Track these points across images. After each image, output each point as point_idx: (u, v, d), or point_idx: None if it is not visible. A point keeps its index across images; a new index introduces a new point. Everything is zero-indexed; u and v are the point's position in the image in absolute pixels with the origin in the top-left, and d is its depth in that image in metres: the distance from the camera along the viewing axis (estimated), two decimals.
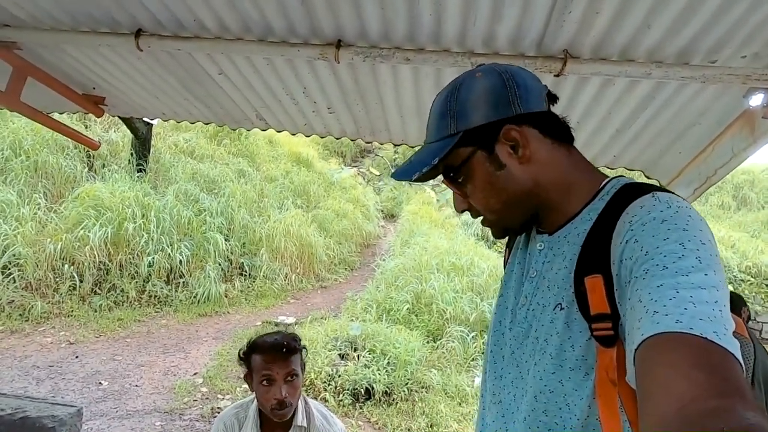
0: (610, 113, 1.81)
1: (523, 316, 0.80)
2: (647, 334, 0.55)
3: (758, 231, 14.41)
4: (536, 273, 0.80)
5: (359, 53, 1.56)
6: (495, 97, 0.76)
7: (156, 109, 2.37)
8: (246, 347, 1.62)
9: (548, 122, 0.79)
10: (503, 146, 0.77)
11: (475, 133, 0.77)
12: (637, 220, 0.66)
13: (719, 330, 0.53)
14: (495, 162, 0.77)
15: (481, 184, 0.79)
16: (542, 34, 1.42)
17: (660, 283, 0.58)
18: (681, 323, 0.54)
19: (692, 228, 0.62)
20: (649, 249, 0.62)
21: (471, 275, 6.86)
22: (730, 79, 1.41)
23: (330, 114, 2.17)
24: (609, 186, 0.77)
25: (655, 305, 0.57)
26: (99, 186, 6.71)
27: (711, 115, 1.73)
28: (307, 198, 10.53)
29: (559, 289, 0.74)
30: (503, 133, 0.76)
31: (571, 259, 0.74)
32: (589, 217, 0.75)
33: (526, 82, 0.78)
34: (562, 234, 0.78)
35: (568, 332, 0.71)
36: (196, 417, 3.79)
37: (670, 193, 0.69)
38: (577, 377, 0.69)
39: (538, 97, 0.78)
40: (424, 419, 4.02)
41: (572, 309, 0.71)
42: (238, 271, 7.50)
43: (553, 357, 0.72)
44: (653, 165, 2.16)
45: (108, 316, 5.62)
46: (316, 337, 5.01)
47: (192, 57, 1.81)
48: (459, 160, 0.79)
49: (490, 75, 0.78)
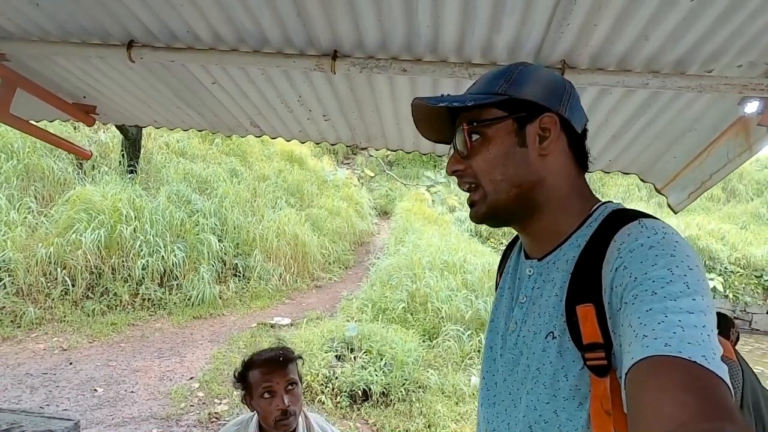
0: (607, 120, 1.81)
1: (513, 342, 0.80)
2: (637, 358, 0.56)
3: (747, 223, 14.61)
4: (526, 299, 0.80)
5: (356, 64, 1.54)
6: (552, 87, 0.78)
7: (148, 117, 2.34)
8: (241, 367, 1.60)
9: (577, 140, 0.81)
10: (534, 129, 0.76)
11: (519, 104, 0.77)
12: (625, 248, 0.66)
13: (707, 354, 0.54)
14: (520, 137, 0.77)
15: (495, 150, 0.77)
16: (540, 44, 1.42)
17: (649, 307, 0.59)
18: (670, 347, 0.55)
19: (679, 254, 0.63)
20: (638, 275, 0.63)
21: (465, 272, 6.89)
22: (726, 88, 1.41)
23: (325, 121, 2.15)
24: (597, 212, 0.77)
25: (644, 329, 0.58)
26: (90, 189, 6.63)
27: (706, 121, 1.74)
28: (300, 197, 10.50)
29: (550, 317, 0.73)
30: (542, 118, 0.76)
31: (561, 286, 0.73)
32: (577, 243, 0.75)
33: (578, 101, 0.81)
34: (551, 260, 0.78)
35: (561, 362, 0.71)
36: (194, 423, 3.77)
37: (657, 219, 0.70)
38: (571, 407, 0.69)
39: (581, 116, 0.81)
40: (422, 420, 4.03)
41: (564, 338, 0.71)
42: (232, 272, 7.46)
43: (547, 386, 0.72)
44: (648, 169, 2.17)
45: (101, 321, 5.57)
46: (312, 339, 5.00)
47: (185, 67, 1.78)
48: (489, 117, 0.78)
49: (555, 73, 0.85)
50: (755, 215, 15.20)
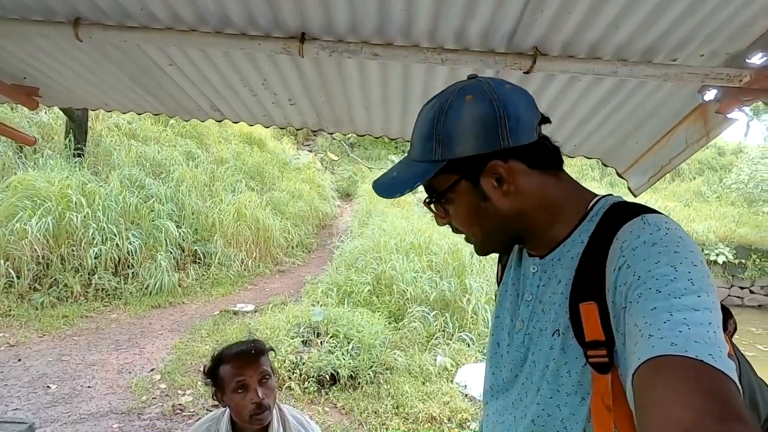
0: (575, 107, 1.83)
1: (520, 340, 0.81)
2: (644, 357, 0.56)
3: (690, 200, 15.52)
4: (532, 296, 0.81)
5: (325, 48, 1.48)
6: (484, 129, 0.73)
7: (98, 99, 2.18)
8: (211, 362, 1.55)
9: (537, 154, 0.77)
10: (488, 179, 0.75)
11: (460, 163, 0.75)
12: (627, 245, 0.66)
13: (714, 352, 0.54)
14: (479, 193, 0.76)
15: (463, 211, 0.79)
16: (513, 31, 1.40)
17: (654, 306, 0.59)
18: (676, 346, 0.54)
19: (683, 250, 0.63)
20: (642, 273, 0.62)
21: (430, 254, 6.96)
22: (689, 77, 1.44)
23: (291, 105, 2.07)
24: (597, 207, 0.77)
25: (650, 329, 0.57)
26: (33, 174, 6.21)
27: (668, 108, 1.79)
28: (260, 180, 10.25)
29: (556, 314, 0.74)
30: (489, 167, 0.74)
31: (566, 284, 0.74)
32: (580, 239, 0.75)
33: (518, 112, 0.74)
34: (554, 257, 0.78)
35: (565, 358, 0.72)
36: (156, 416, 3.67)
37: (659, 213, 0.70)
38: (574, 402, 0.71)
39: (528, 128, 0.75)
40: (390, 401, 4.09)
41: (568, 335, 0.72)
42: (192, 259, 7.25)
43: (551, 382, 0.73)
44: (611, 154, 2.23)
45: (51, 314, 5.29)
46: (277, 325, 4.94)
47: (140, 48, 1.66)
48: (442, 185, 0.78)
49: (481, 101, 0.74)
50: (697, 193, 16.15)
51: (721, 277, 11.91)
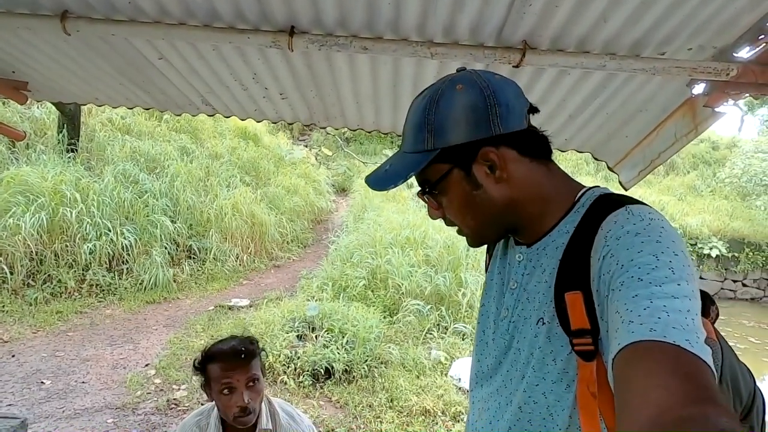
0: (564, 101, 1.84)
1: (505, 328, 0.82)
2: (623, 343, 0.58)
3: (684, 194, 15.58)
4: (516, 285, 0.82)
5: (314, 41, 1.48)
6: (475, 116, 0.74)
7: (88, 94, 2.17)
8: (201, 357, 1.54)
9: (527, 141, 0.78)
10: (480, 166, 0.76)
11: (452, 151, 0.76)
12: (611, 235, 0.68)
13: (692, 338, 0.56)
14: (472, 181, 0.77)
15: (456, 200, 0.80)
16: (502, 24, 1.40)
17: (635, 293, 0.60)
18: (655, 332, 0.56)
19: (665, 240, 0.64)
20: (624, 262, 0.64)
21: (425, 248, 6.97)
22: (677, 71, 1.45)
23: (282, 100, 2.07)
24: (584, 198, 0.78)
25: (630, 315, 0.59)
26: (26, 170, 6.16)
27: (656, 102, 1.80)
28: (256, 175, 10.22)
29: (540, 303, 0.76)
30: (481, 154, 0.75)
31: (551, 273, 0.75)
32: (566, 229, 0.76)
33: (508, 99, 0.76)
34: (540, 246, 0.79)
35: (550, 346, 0.73)
36: (151, 410, 3.67)
37: (643, 205, 0.71)
38: (559, 389, 0.73)
39: (518, 115, 0.77)
40: (385, 394, 4.11)
41: (553, 324, 0.73)
42: (187, 254, 7.23)
43: (536, 370, 0.75)
44: (602, 148, 2.24)
45: (45, 310, 5.27)
46: (272, 320, 4.95)
47: (129, 42, 1.65)
48: (435, 175, 0.79)
49: (471, 89, 0.75)
50: (691, 187, 16.21)
51: (714, 271, 11.99)
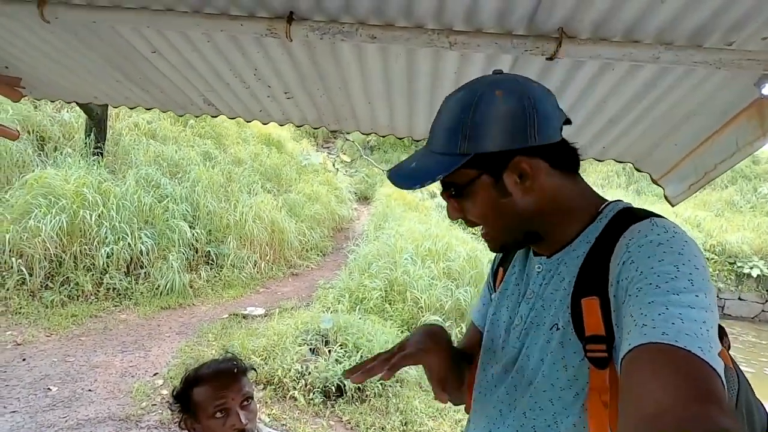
0: (605, 101, 1.60)
1: (516, 335, 0.82)
2: (634, 344, 0.58)
3: (722, 210, 14.88)
4: (533, 294, 0.81)
5: (315, 29, 1.29)
6: (513, 125, 0.73)
7: (85, 92, 2.05)
8: (181, 384, 1.38)
9: (559, 154, 0.77)
10: (511, 175, 0.75)
11: (485, 158, 0.74)
12: (634, 243, 0.67)
13: (704, 347, 0.55)
14: (500, 189, 0.76)
15: (482, 206, 0.79)
16: (535, 8, 1.19)
17: (651, 300, 0.60)
18: (667, 335, 0.55)
19: (687, 253, 0.64)
20: (644, 269, 0.63)
21: (447, 260, 6.72)
22: (748, 64, 1.21)
23: (288, 99, 1.89)
24: (607, 210, 0.78)
25: (644, 319, 0.59)
26: (51, 172, 6.20)
27: (716, 104, 1.54)
28: (277, 181, 10.16)
29: (556, 309, 0.75)
30: (513, 163, 0.74)
31: (570, 281, 0.75)
32: (587, 240, 0.76)
33: (547, 110, 0.74)
34: (560, 257, 0.79)
35: (562, 352, 0.72)
36: (155, 424, 3.53)
37: (667, 219, 0.70)
38: (568, 397, 0.71)
39: (554, 126, 0.75)
40: (398, 416, 3.87)
41: (568, 329, 0.72)
42: (204, 260, 7.16)
43: (546, 376, 0.73)
44: (645, 158, 1.98)
45: (60, 313, 5.24)
46: (285, 331, 4.78)
47: (115, 31, 1.50)
48: (463, 179, 0.77)
49: (511, 97, 0.73)
50: (729, 203, 15.47)
51: (754, 292, 11.33)
